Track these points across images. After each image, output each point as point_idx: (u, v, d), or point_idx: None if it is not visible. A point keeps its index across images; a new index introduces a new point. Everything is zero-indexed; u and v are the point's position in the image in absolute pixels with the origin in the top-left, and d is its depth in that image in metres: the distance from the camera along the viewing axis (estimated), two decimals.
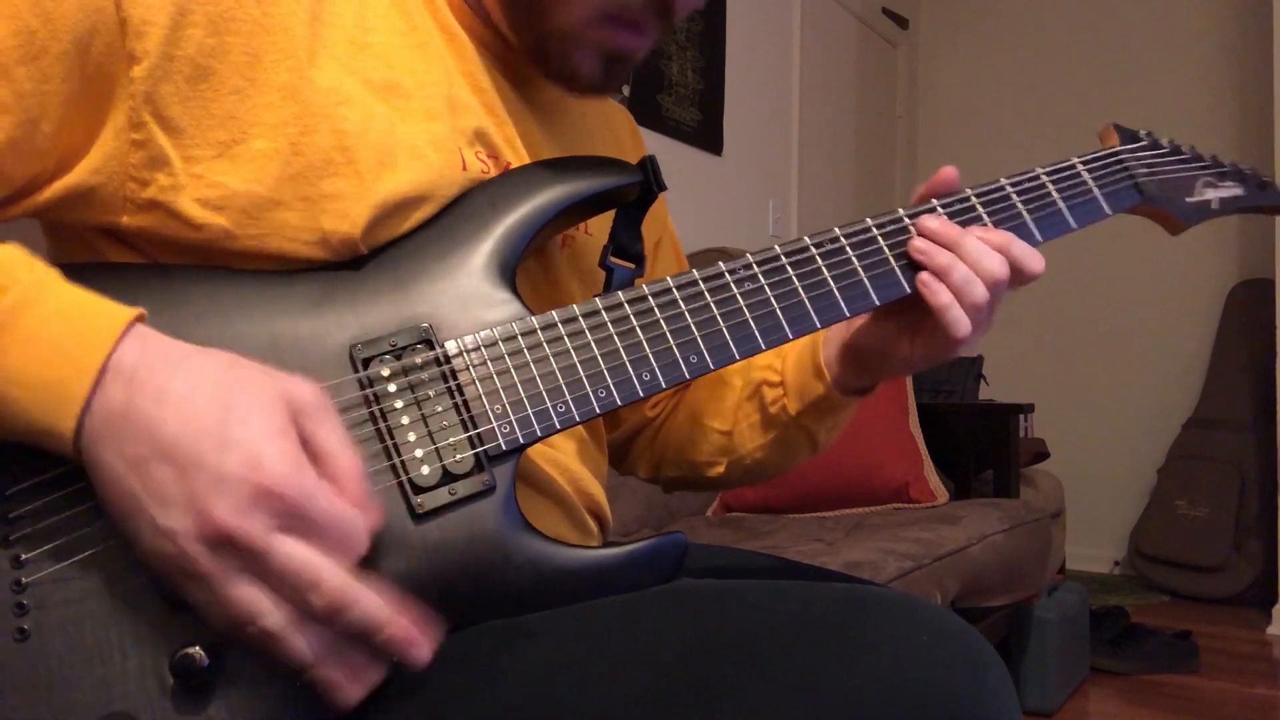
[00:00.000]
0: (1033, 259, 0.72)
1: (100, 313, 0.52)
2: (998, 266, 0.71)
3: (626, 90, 2.63)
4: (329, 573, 0.50)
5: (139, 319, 0.53)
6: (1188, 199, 0.82)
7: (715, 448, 0.89)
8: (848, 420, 0.85)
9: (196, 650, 0.52)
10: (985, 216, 0.74)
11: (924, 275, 0.71)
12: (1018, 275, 0.72)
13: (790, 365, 0.83)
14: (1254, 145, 3.56)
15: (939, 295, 0.70)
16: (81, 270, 0.56)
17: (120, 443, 0.50)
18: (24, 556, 0.53)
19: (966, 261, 0.70)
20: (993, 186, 0.76)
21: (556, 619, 0.58)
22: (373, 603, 0.52)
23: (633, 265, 0.72)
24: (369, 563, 0.56)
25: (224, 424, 0.50)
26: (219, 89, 0.59)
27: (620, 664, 0.53)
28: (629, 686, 0.51)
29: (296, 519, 0.50)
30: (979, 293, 0.70)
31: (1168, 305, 3.91)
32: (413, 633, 0.53)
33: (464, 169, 0.66)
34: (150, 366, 0.51)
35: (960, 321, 0.70)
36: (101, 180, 0.59)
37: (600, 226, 0.77)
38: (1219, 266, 3.81)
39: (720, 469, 0.89)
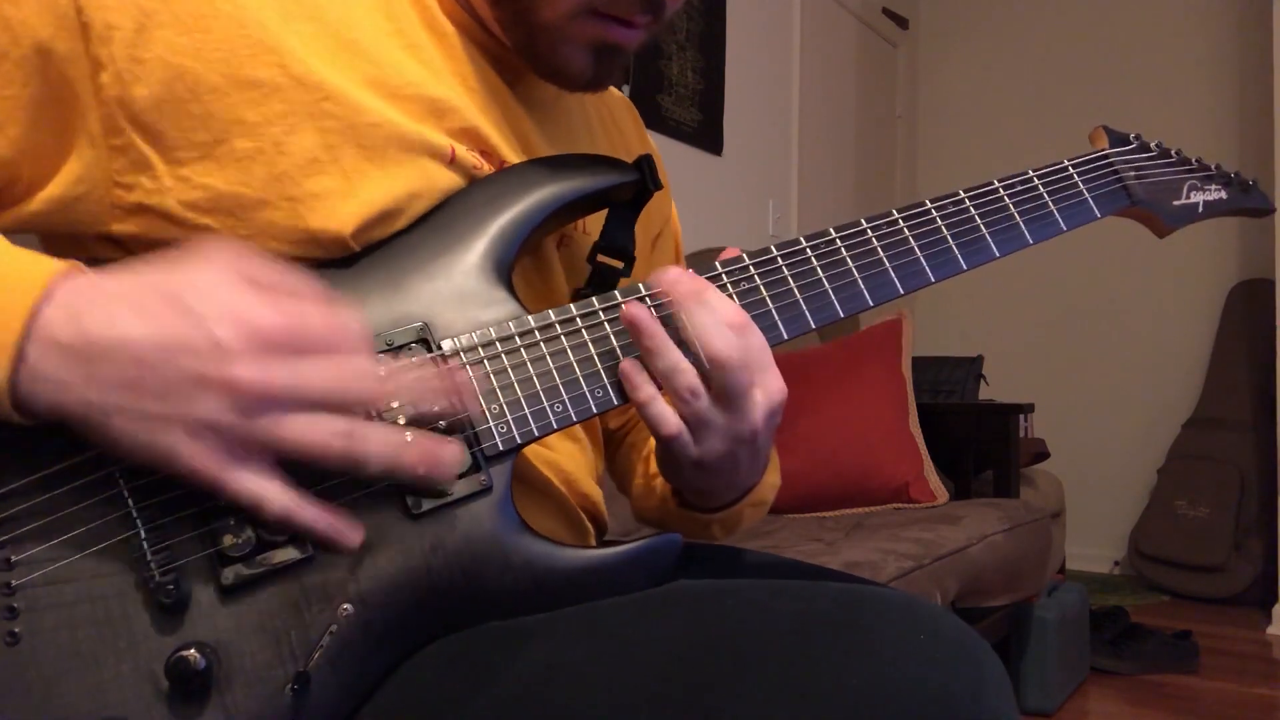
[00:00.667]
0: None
1: (29, 267, 0.51)
2: (726, 345, 0.61)
3: (626, 90, 2.63)
4: (361, 366, 0.53)
5: (72, 271, 0.52)
6: (1174, 202, 0.83)
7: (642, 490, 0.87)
8: (733, 527, 0.79)
9: (192, 653, 0.52)
10: (978, 216, 0.75)
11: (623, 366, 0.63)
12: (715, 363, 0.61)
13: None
14: (1254, 144, 3.56)
15: (637, 391, 0.62)
16: None
17: (97, 370, 0.49)
18: (14, 559, 0.52)
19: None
20: (986, 188, 0.76)
21: (554, 620, 0.58)
22: (411, 375, 0.56)
23: (620, 264, 0.72)
24: (366, 559, 0.56)
25: (187, 305, 0.50)
26: (195, 89, 0.58)
27: (618, 664, 0.52)
28: (627, 687, 0.51)
29: (303, 345, 0.52)
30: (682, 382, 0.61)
31: (1168, 305, 3.91)
32: (461, 393, 0.57)
33: (452, 161, 0.66)
34: (85, 298, 0.50)
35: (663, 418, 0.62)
36: (86, 189, 0.59)
37: (598, 225, 0.77)
38: (1219, 266, 3.81)
39: (652, 501, 0.85)
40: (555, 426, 0.62)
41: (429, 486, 0.57)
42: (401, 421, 0.56)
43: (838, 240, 0.71)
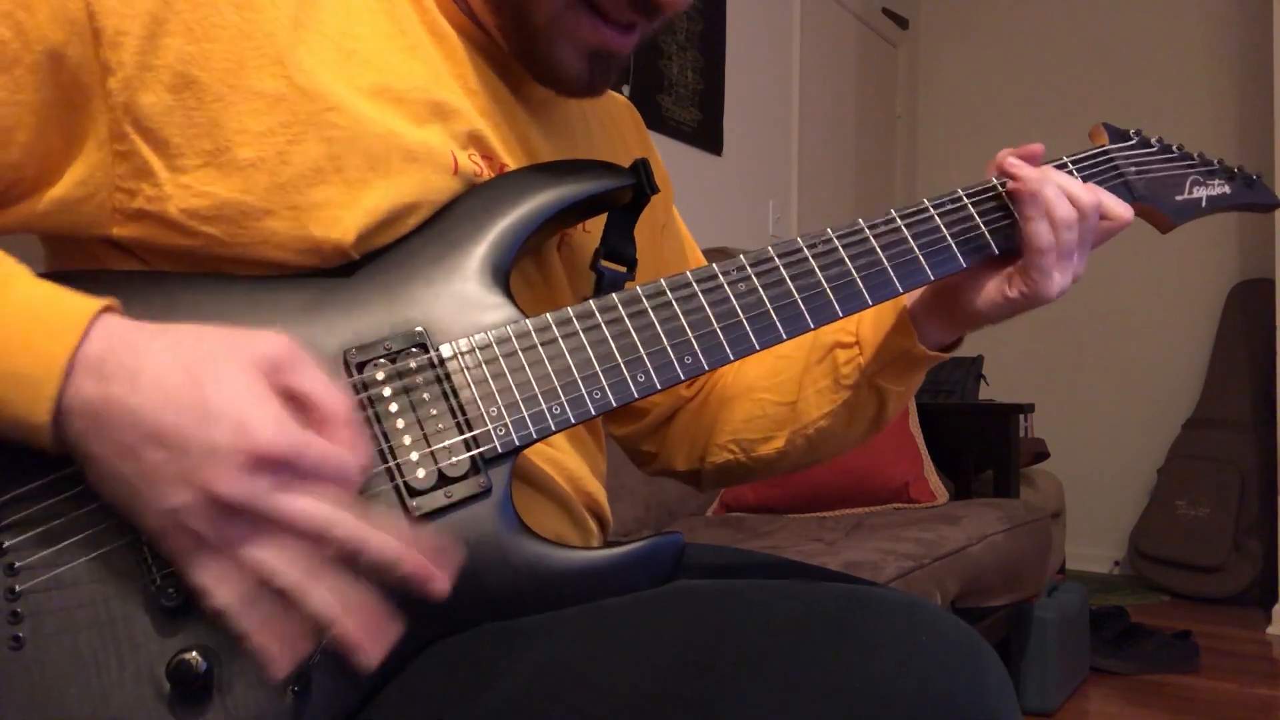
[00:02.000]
0: (1119, 205, 0.75)
1: (67, 306, 0.52)
2: (1085, 193, 0.73)
3: (626, 90, 2.63)
4: (336, 517, 0.52)
5: (107, 309, 0.53)
6: (1177, 197, 0.83)
7: (773, 421, 0.86)
8: (916, 386, 0.84)
9: (193, 656, 0.52)
10: (977, 215, 0.75)
11: (1013, 185, 0.74)
12: (1106, 217, 0.74)
13: (867, 325, 0.82)
14: (1254, 143, 3.56)
15: (1028, 205, 0.73)
16: (76, 278, 0.56)
17: (106, 433, 0.51)
18: (17, 564, 0.53)
19: (1054, 183, 0.73)
20: (985, 186, 0.76)
21: (556, 620, 0.58)
22: (385, 540, 0.53)
23: (624, 268, 0.72)
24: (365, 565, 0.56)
25: (203, 398, 0.51)
26: (201, 97, 0.58)
27: (620, 665, 0.53)
28: (629, 687, 0.51)
29: (293, 475, 0.52)
30: (1066, 210, 0.72)
31: (1168, 305, 3.91)
32: (428, 566, 0.54)
33: (455, 173, 0.66)
34: (118, 354, 0.51)
35: (1044, 236, 0.72)
36: (89, 191, 0.59)
37: (599, 226, 0.77)
38: (1219, 266, 3.81)
39: (779, 443, 0.86)
40: (554, 429, 0.62)
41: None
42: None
43: (835, 240, 0.71)
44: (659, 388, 0.64)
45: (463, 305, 0.63)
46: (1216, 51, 3.86)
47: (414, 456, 0.59)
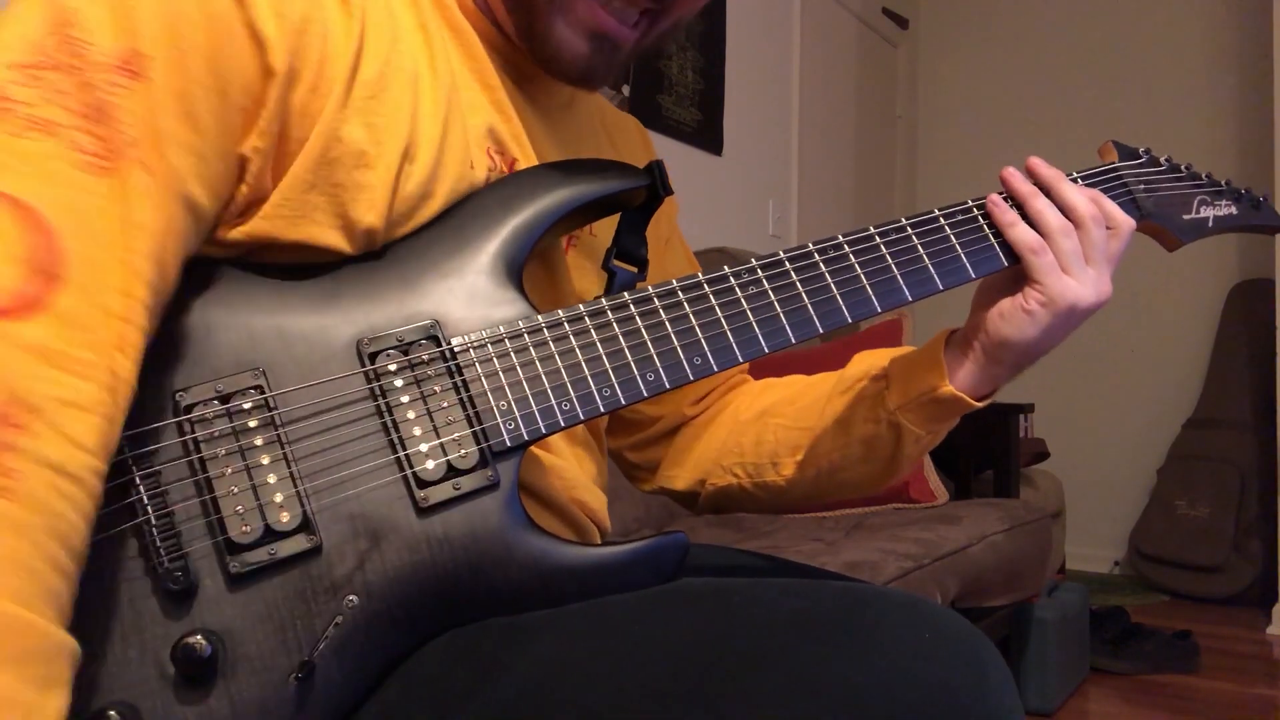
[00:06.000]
0: (1120, 212, 0.75)
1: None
2: (1083, 202, 0.73)
3: (626, 90, 2.63)
4: None
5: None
6: (1184, 216, 0.83)
7: (785, 447, 0.84)
8: (941, 433, 0.81)
9: (198, 639, 0.52)
10: (985, 227, 0.75)
11: (992, 206, 0.74)
12: (1111, 222, 0.74)
13: (899, 361, 0.80)
14: (1255, 144, 3.56)
15: (1010, 223, 0.73)
16: None
17: None
18: None
19: (1049, 197, 0.74)
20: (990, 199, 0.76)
21: (559, 617, 0.58)
22: None
23: (635, 269, 0.73)
24: (372, 551, 0.56)
25: None
26: (302, 88, 0.60)
27: (623, 661, 0.53)
28: (632, 684, 0.51)
29: None
30: (1055, 217, 0.72)
31: (1168, 305, 3.91)
32: None
33: (472, 166, 0.67)
34: None
35: (1026, 238, 0.72)
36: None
37: (605, 228, 0.78)
38: (1219, 266, 3.81)
39: (788, 470, 0.84)
40: (563, 425, 0.62)
41: None
42: None
43: (845, 246, 0.71)
44: (668, 387, 0.65)
45: (476, 299, 0.63)
46: (1217, 51, 3.86)
47: (424, 448, 0.59)
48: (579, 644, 0.55)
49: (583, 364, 0.63)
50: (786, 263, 0.69)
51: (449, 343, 0.62)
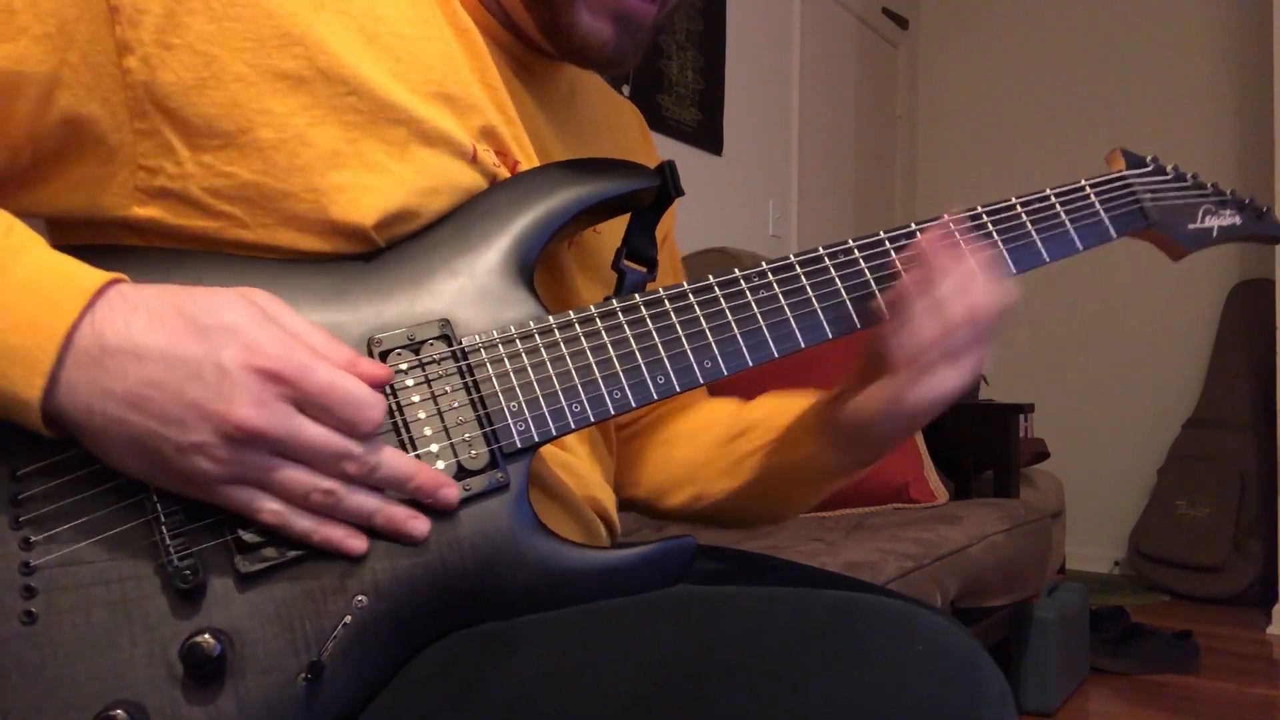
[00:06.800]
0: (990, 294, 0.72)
1: (71, 279, 0.52)
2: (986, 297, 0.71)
3: (627, 90, 2.63)
4: (353, 442, 0.54)
5: (113, 283, 0.53)
6: (1189, 225, 0.84)
7: (681, 476, 0.86)
8: (825, 491, 0.81)
9: (206, 638, 0.52)
10: (995, 233, 0.75)
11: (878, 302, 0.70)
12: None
13: (795, 418, 0.80)
14: (1255, 144, 3.56)
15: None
16: (102, 252, 0.56)
17: (104, 384, 0.51)
18: (33, 539, 0.53)
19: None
20: (1004, 205, 0.76)
21: (548, 626, 0.58)
22: (399, 457, 0.57)
23: (645, 269, 0.72)
24: (382, 552, 0.56)
25: (202, 327, 0.52)
26: (221, 76, 0.58)
27: (611, 672, 0.53)
28: (620, 694, 0.51)
29: (305, 398, 0.53)
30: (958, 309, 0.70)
31: (1168, 305, 3.92)
32: (439, 477, 0.57)
33: (473, 161, 0.66)
34: (111, 312, 0.52)
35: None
36: (112, 170, 0.59)
37: (608, 227, 0.77)
38: (1219, 266, 3.81)
39: (679, 498, 0.86)
40: (573, 426, 0.62)
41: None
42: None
43: (855, 250, 0.71)
44: (678, 390, 0.65)
45: (486, 298, 0.63)
46: (1217, 50, 3.86)
47: (434, 448, 0.59)
48: (566, 654, 0.55)
49: (593, 365, 0.63)
50: (797, 266, 0.69)
51: (460, 342, 0.61)
